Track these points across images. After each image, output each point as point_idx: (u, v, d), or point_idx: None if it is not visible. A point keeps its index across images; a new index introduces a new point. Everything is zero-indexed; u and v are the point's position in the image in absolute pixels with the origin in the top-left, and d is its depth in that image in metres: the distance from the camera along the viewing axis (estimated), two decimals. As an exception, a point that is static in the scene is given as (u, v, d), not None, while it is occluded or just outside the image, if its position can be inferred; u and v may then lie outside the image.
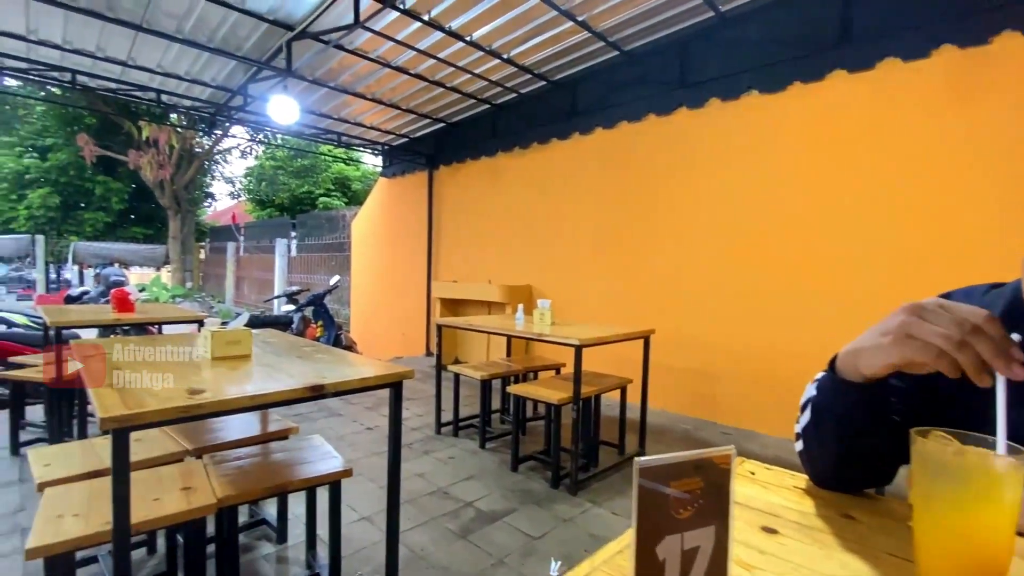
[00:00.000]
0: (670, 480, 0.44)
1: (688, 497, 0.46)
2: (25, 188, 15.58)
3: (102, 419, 1.10)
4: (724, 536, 0.48)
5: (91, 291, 7.05)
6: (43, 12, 3.92)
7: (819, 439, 0.75)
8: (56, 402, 3.14)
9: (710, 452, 0.48)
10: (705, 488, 0.46)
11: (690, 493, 0.46)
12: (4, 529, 2.31)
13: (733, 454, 0.49)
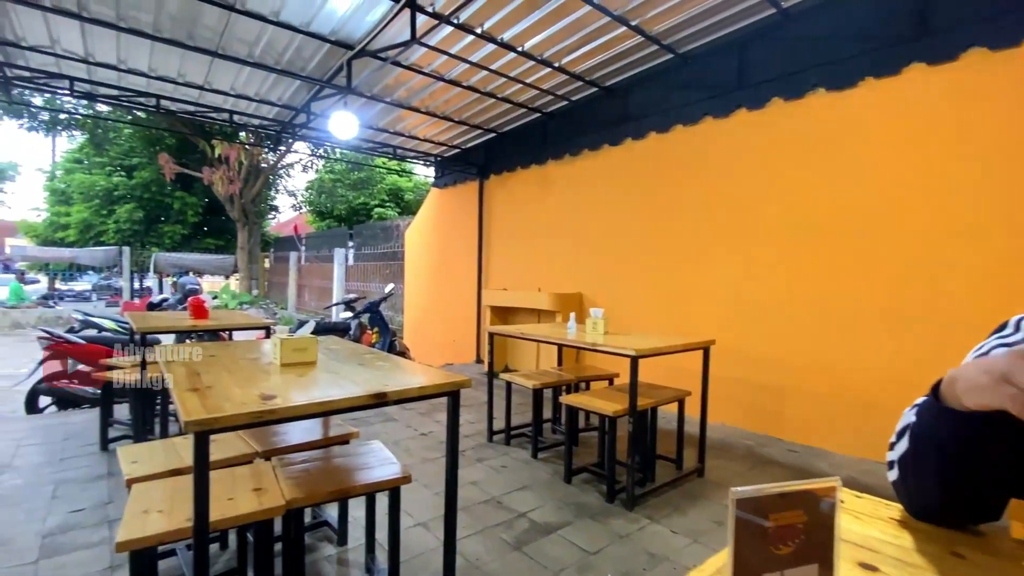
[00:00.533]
0: (769, 512, 0.41)
1: (789, 531, 0.42)
2: (114, 204, 17.06)
3: (185, 422, 1.17)
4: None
5: (170, 298, 7.59)
6: (133, 43, 4.30)
7: (918, 469, 0.69)
8: (140, 402, 3.39)
9: (813, 484, 0.44)
10: (808, 523, 0.43)
11: (791, 527, 0.42)
12: (94, 520, 2.51)
13: (838, 487, 0.45)
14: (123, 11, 3.79)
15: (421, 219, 9.08)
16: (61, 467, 3.16)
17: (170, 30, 4.05)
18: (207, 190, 16.77)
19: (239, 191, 15.51)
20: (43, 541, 2.30)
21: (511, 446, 3.74)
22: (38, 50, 4.40)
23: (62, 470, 3.11)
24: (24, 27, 4.08)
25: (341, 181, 19.70)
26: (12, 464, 3.19)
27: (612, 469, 2.83)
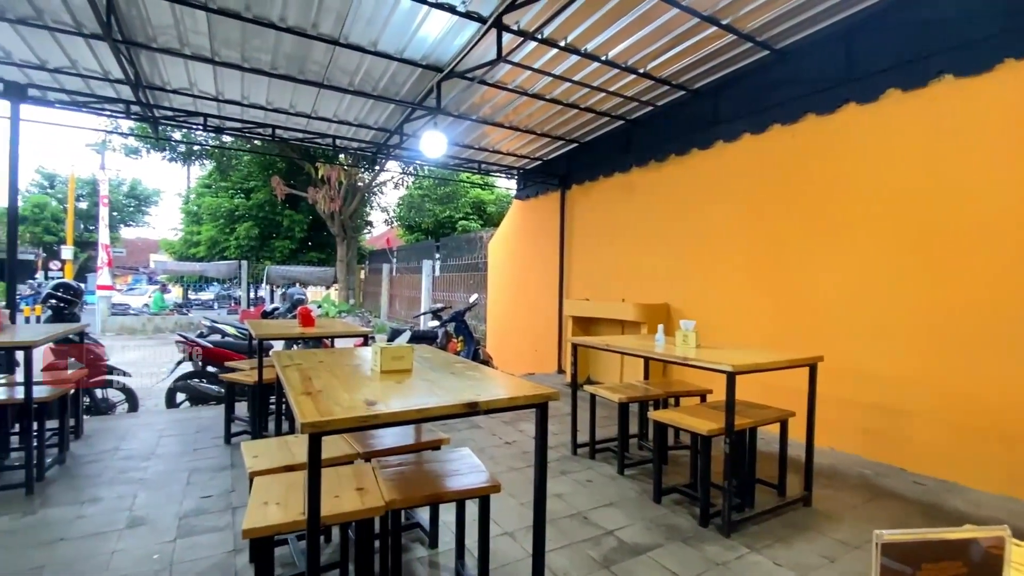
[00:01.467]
0: (922, 562, 0.37)
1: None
2: (235, 222, 19.24)
3: (302, 424, 1.29)
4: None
5: (280, 307, 8.37)
6: (254, 81, 4.84)
7: None
8: (257, 401, 3.75)
9: (974, 532, 0.39)
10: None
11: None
12: (221, 506, 2.81)
13: (1007, 537, 0.39)
14: (247, 53, 4.29)
15: (503, 231, 9.27)
16: (194, 457, 3.58)
17: (284, 67, 4.51)
18: (311, 208, 18.38)
19: (339, 208, 16.82)
20: (179, 522, 2.62)
21: (596, 460, 3.67)
22: (180, 92, 5.10)
23: (195, 459, 3.52)
24: (169, 74, 4.75)
25: (429, 196, 20.67)
26: (156, 452, 3.67)
27: (706, 491, 2.67)
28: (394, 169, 18.33)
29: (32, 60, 4.39)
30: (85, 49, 4.21)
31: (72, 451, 3.60)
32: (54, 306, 4.68)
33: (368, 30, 3.96)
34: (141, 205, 29.33)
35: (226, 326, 6.44)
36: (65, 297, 4.64)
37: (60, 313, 4.71)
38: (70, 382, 3.52)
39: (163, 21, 3.82)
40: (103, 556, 2.28)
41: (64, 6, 3.61)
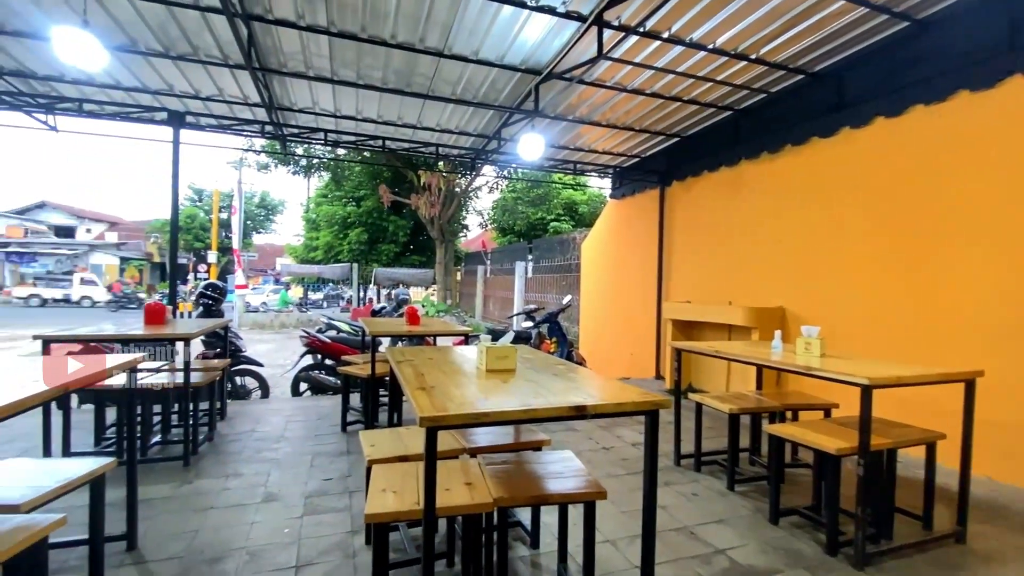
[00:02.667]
0: None
1: None
2: (347, 228, 20.97)
3: (421, 418, 1.35)
4: None
5: (387, 307, 8.95)
6: (367, 97, 5.23)
7: None
8: (369, 393, 4.03)
9: None
10: None
11: None
12: (340, 489, 3.05)
13: None
14: (361, 71, 4.64)
15: (597, 231, 9.12)
16: (316, 442, 3.93)
17: (394, 81, 4.82)
18: (413, 213, 19.48)
19: (438, 213, 17.65)
20: (305, 501, 2.88)
21: (701, 473, 3.46)
22: (304, 111, 5.65)
23: (317, 444, 3.86)
24: (296, 95, 5.28)
25: (522, 199, 20.99)
26: (284, 435, 4.08)
27: (834, 517, 2.40)
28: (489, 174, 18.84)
29: (189, 91, 5.12)
30: (230, 78, 4.82)
31: (219, 430, 4.12)
32: (205, 303, 5.41)
33: (470, 40, 4.09)
34: (269, 214, 32.99)
35: (340, 323, 7.01)
36: (213, 296, 5.34)
37: (209, 309, 5.43)
38: (218, 369, 4.04)
39: (292, 48, 4.25)
40: (244, 526, 2.57)
41: (215, 42, 4.16)
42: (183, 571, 2.15)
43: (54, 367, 1.94)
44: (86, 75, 4.73)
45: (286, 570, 2.18)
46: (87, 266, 27.76)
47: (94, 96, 5.21)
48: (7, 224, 27.84)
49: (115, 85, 4.96)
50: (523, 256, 15.07)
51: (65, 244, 28.85)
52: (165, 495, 2.89)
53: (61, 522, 1.51)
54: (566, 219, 21.16)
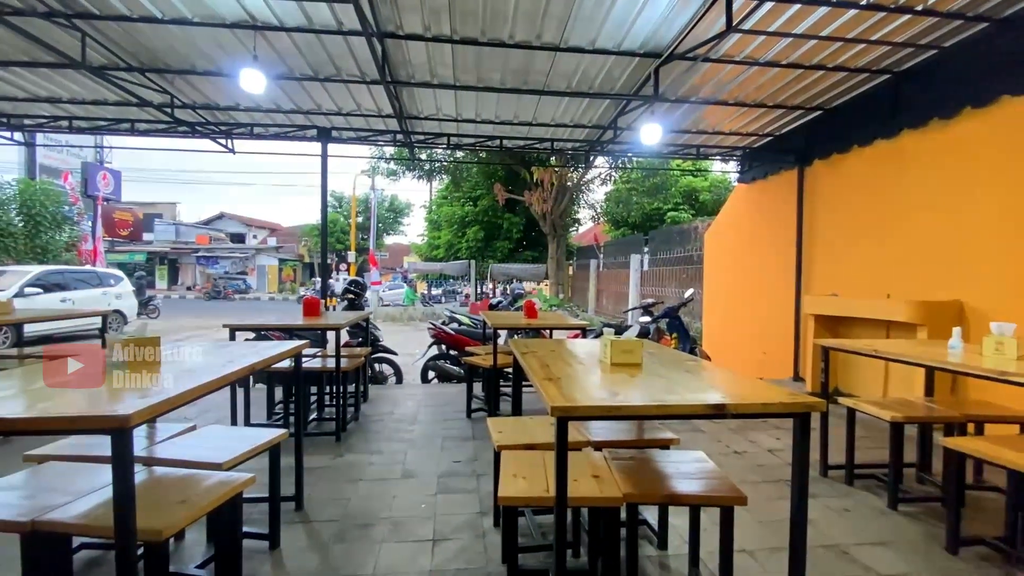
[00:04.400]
0: None
1: None
2: (465, 227, 22.04)
3: (552, 407, 1.37)
4: None
5: (503, 301, 9.26)
6: (485, 99, 5.44)
7: None
8: (491, 382, 4.21)
9: None
10: None
11: None
12: (468, 472, 3.23)
13: None
14: (481, 75, 4.83)
15: (723, 219, 8.48)
16: (444, 426, 4.20)
17: (511, 81, 4.94)
18: (526, 210, 19.85)
19: (550, 208, 17.78)
20: (438, 480, 3.10)
21: (854, 487, 3.07)
22: (429, 118, 6.04)
23: (445, 428, 4.13)
24: (422, 103, 5.67)
25: (636, 189, 20.27)
26: (417, 418, 4.43)
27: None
28: (602, 165, 18.49)
29: (333, 108, 5.74)
30: (367, 94, 5.32)
31: (363, 411, 4.59)
32: (348, 298, 6.06)
33: (587, 30, 4.04)
34: (397, 216, 35.83)
35: (462, 316, 7.39)
36: (356, 291, 5.96)
37: (352, 303, 6.06)
38: (361, 357, 4.50)
39: (419, 59, 4.56)
40: (387, 498, 2.84)
41: (355, 63, 4.61)
42: (341, 532, 2.45)
43: (240, 352, 2.31)
44: (254, 102, 5.54)
45: (424, 542, 2.36)
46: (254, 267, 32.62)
47: (261, 120, 6.09)
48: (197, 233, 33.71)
49: (276, 109, 5.74)
50: (638, 248, 14.56)
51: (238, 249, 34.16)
52: (323, 465, 3.30)
53: (252, 480, 1.80)
54: (685, 208, 20.00)
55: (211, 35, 4.16)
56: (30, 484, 1.72)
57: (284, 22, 3.95)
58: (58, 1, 3.73)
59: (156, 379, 1.68)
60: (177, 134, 6.30)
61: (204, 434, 2.28)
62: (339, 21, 3.92)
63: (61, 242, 13.95)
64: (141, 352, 1.83)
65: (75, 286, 10.50)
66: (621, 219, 21.46)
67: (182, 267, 32.89)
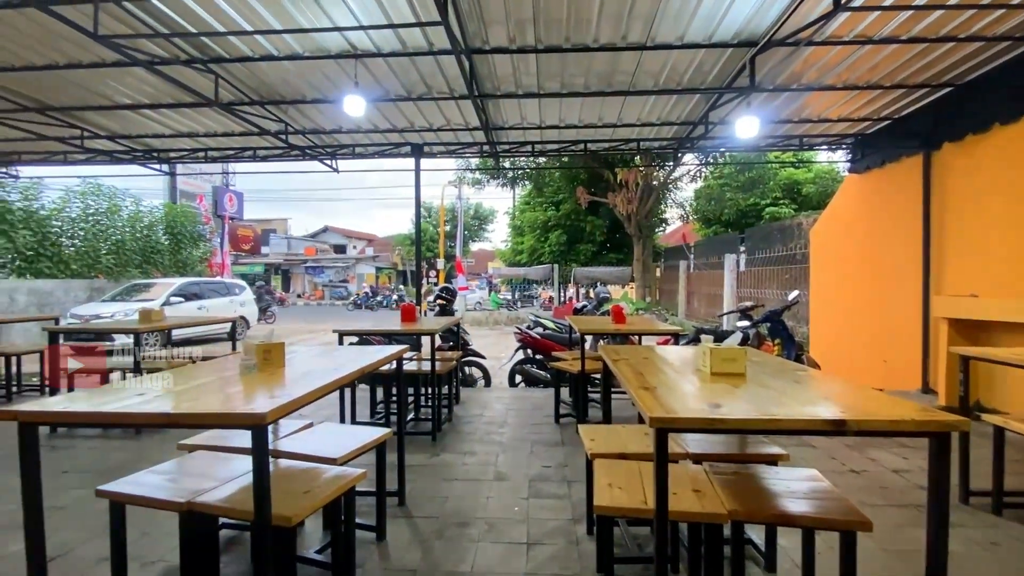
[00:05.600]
0: None
1: None
2: (548, 232, 22.14)
3: (650, 418, 1.35)
4: None
5: (588, 305, 9.15)
6: (569, 104, 5.45)
7: None
8: (579, 388, 4.18)
9: None
10: None
11: None
12: (558, 477, 3.24)
13: None
14: (565, 80, 4.85)
15: (832, 213, 7.75)
16: (533, 430, 4.24)
17: (595, 84, 4.91)
18: (610, 212, 19.51)
19: (635, 209, 17.33)
20: (530, 484, 3.13)
21: (1003, 517, 2.66)
22: (514, 128, 6.16)
23: (534, 432, 4.17)
24: (507, 114, 5.80)
25: (728, 185, 19.16)
26: (506, 421, 4.51)
27: None
28: (690, 162, 17.70)
29: (424, 125, 6.06)
30: (455, 109, 5.55)
31: (455, 412, 4.77)
32: (441, 304, 6.34)
33: (675, 25, 3.91)
34: (482, 224, 36.86)
35: (547, 321, 7.42)
36: (448, 297, 6.21)
37: (444, 309, 6.33)
38: (453, 360, 4.69)
39: (504, 72, 4.68)
40: (481, 499, 2.93)
41: (444, 80, 4.84)
42: (440, 529, 2.56)
43: (351, 356, 2.51)
44: (355, 124, 6.00)
45: (519, 545, 2.41)
46: (354, 275, 35.13)
47: (360, 140, 6.59)
48: (305, 245, 37.01)
49: (373, 129, 6.17)
50: (733, 248, 13.72)
51: (340, 259, 37.01)
52: (421, 463, 3.48)
53: (363, 475, 1.95)
54: (786, 203, 18.54)
55: (318, 67, 4.58)
56: (183, 470, 2.00)
57: (381, 49, 4.25)
58: (196, 49, 4.31)
59: (283, 380, 1.88)
60: (290, 157, 7.01)
61: (319, 431, 2.50)
62: (430, 43, 4.14)
63: (197, 256, 15.99)
64: (270, 355, 2.06)
65: (208, 295, 11.99)
66: (713, 217, 20.39)
67: (293, 276, 36.28)
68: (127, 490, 1.77)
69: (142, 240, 14.23)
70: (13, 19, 3.80)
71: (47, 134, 6.28)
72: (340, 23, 3.84)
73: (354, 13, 3.71)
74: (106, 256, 13.23)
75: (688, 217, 22.48)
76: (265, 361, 2.04)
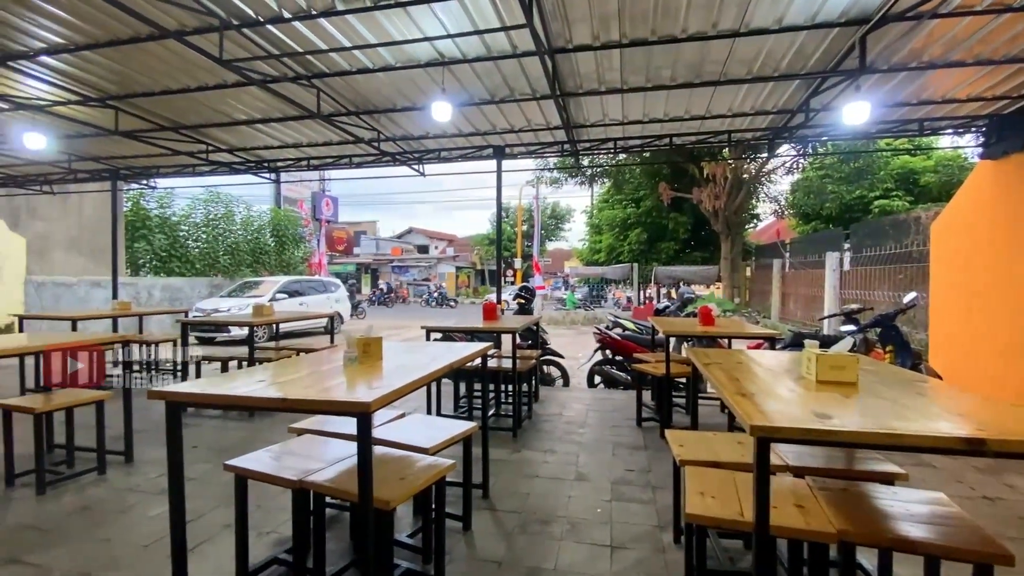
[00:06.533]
0: None
1: None
2: (627, 230, 21.60)
3: (751, 427, 1.28)
4: None
5: (671, 306, 8.81)
6: (654, 98, 5.27)
7: None
8: (664, 392, 4.05)
9: None
10: None
11: None
12: (642, 482, 3.16)
13: None
14: (650, 73, 4.71)
15: (960, 204, 6.83)
16: (614, 432, 4.17)
17: (683, 76, 4.72)
18: (694, 209, 18.65)
19: (723, 205, 16.41)
20: (612, 486, 3.09)
21: None
22: (595, 125, 6.08)
23: (615, 435, 4.10)
24: (588, 111, 5.73)
25: (830, 176, 17.56)
26: (586, 422, 4.48)
27: None
28: (785, 153, 16.44)
29: (506, 127, 6.15)
30: (536, 109, 5.58)
31: (535, 410, 4.82)
32: (520, 303, 6.42)
33: (772, 8, 3.65)
34: (559, 223, 36.76)
35: (626, 321, 7.25)
36: (526, 296, 6.28)
37: (523, 308, 6.40)
38: (533, 358, 4.73)
39: (588, 68, 4.63)
40: (563, 498, 2.93)
41: (527, 81, 4.89)
42: (523, 524, 2.61)
43: (439, 351, 2.62)
44: (440, 129, 6.24)
45: (602, 547, 2.38)
46: (436, 274, 36.52)
47: (445, 145, 6.83)
48: (391, 246, 39.04)
49: (457, 133, 6.38)
50: (836, 245, 12.54)
51: (423, 259, 38.64)
52: (502, 458, 3.55)
53: (453, 466, 2.03)
54: (899, 195, 16.64)
55: (408, 76, 4.81)
56: (295, 451, 2.19)
57: (467, 55, 4.38)
58: (301, 67, 4.69)
59: (381, 372, 2.01)
60: (382, 163, 7.43)
61: (410, 421, 2.64)
62: (514, 46, 4.20)
63: (298, 257, 17.45)
64: (369, 349, 2.21)
65: (308, 292, 13.02)
66: (812, 212, 18.78)
67: (381, 275, 38.46)
68: (249, 466, 1.98)
69: (252, 242, 15.80)
70: (156, 50, 4.37)
71: (180, 149, 7.15)
72: (429, 33, 4.01)
73: (442, 22, 3.86)
74: (223, 256, 14.85)
75: (783, 212, 20.91)
76: (365, 354, 2.19)
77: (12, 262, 10.29)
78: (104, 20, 3.87)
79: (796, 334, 6.72)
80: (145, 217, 13.96)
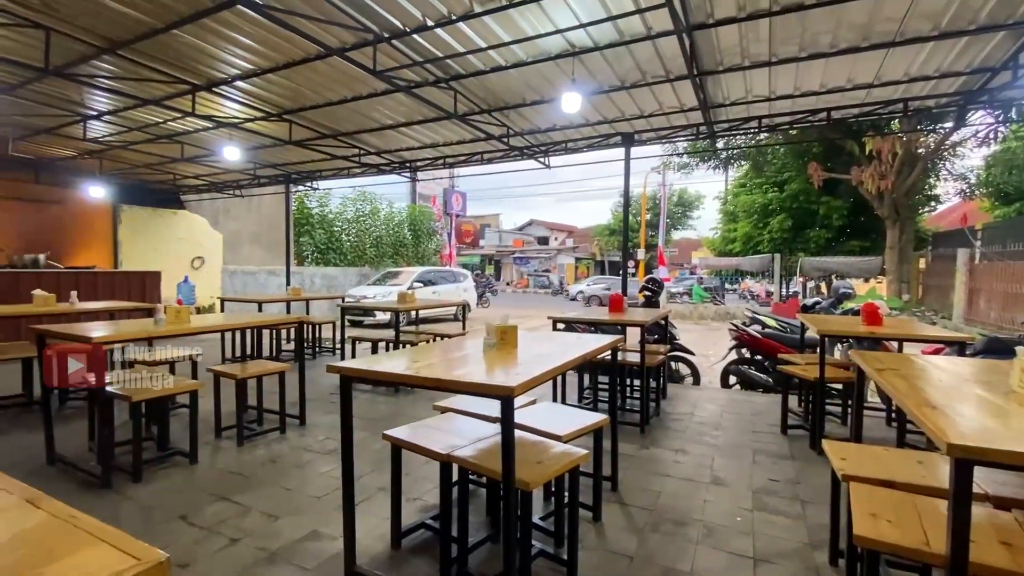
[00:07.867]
0: None
1: None
2: (768, 217, 19.56)
3: (949, 444, 1.10)
4: None
5: (823, 302, 7.85)
6: (807, 68, 4.70)
7: None
8: (817, 398, 3.64)
9: None
10: None
11: None
12: (789, 494, 2.88)
13: None
14: (805, 42, 4.21)
15: None
16: (753, 438, 3.86)
17: (847, 40, 4.14)
18: (852, 191, 16.29)
19: (890, 185, 14.11)
20: (753, 495, 2.87)
21: None
22: (736, 103, 5.61)
23: (755, 441, 3.80)
24: (729, 89, 5.30)
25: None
26: (720, 424, 4.20)
27: None
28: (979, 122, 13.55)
29: (636, 112, 5.95)
30: (670, 91, 5.31)
31: (663, 407, 4.65)
32: (646, 295, 6.21)
33: (973, -54, 3.04)
34: (686, 211, 34.65)
35: (766, 318, 6.62)
36: (654, 289, 6.05)
37: (649, 301, 6.18)
38: (662, 353, 4.56)
39: (730, 43, 4.28)
40: (698, 501, 2.80)
41: (660, 64, 4.67)
42: (655, 523, 2.55)
43: (570, 341, 2.65)
44: (568, 120, 6.24)
45: (745, 558, 2.24)
46: (556, 265, 36.82)
47: (572, 136, 6.82)
48: (514, 238, 40.19)
49: (584, 123, 6.33)
50: (1052, 232, 10.10)
51: (544, 250, 39.17)
52: (630, 453, 3.49)
53: (587, 456, 2.05)
54: None
55: (538, 70, 4.89)
56: (441, 427, 2.39)
57: (599, 42, 4.31)
58: (440, 71, 5.01)
59: (517, 359, 2.10)
60: (510, 158, 7.67)
61: (542, 408, 2.71)
62: (648, 27, 4.04)
63: (431, 249, 18.83)
64: (506, 336, 2.31)
65: (439, 282, 13.99)
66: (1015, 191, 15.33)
67: (504, 266, 39.84)
68: (404, 436, 2.20)
69: (393, 235, 17.42)
70: (320, 67, 4.98)
71: (337, 154, 8.10)
72: (561, 25, 4.01)
73: (575, 13, 3.84)
74: (369, 248, 16.59)
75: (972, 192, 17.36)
76: (503, 341, 2.30)
77: (214, 254, 12.60)
78: (282, 45, 4.52)
79: (992, 339, 5.56)
80: (308, 215, 16.12)
